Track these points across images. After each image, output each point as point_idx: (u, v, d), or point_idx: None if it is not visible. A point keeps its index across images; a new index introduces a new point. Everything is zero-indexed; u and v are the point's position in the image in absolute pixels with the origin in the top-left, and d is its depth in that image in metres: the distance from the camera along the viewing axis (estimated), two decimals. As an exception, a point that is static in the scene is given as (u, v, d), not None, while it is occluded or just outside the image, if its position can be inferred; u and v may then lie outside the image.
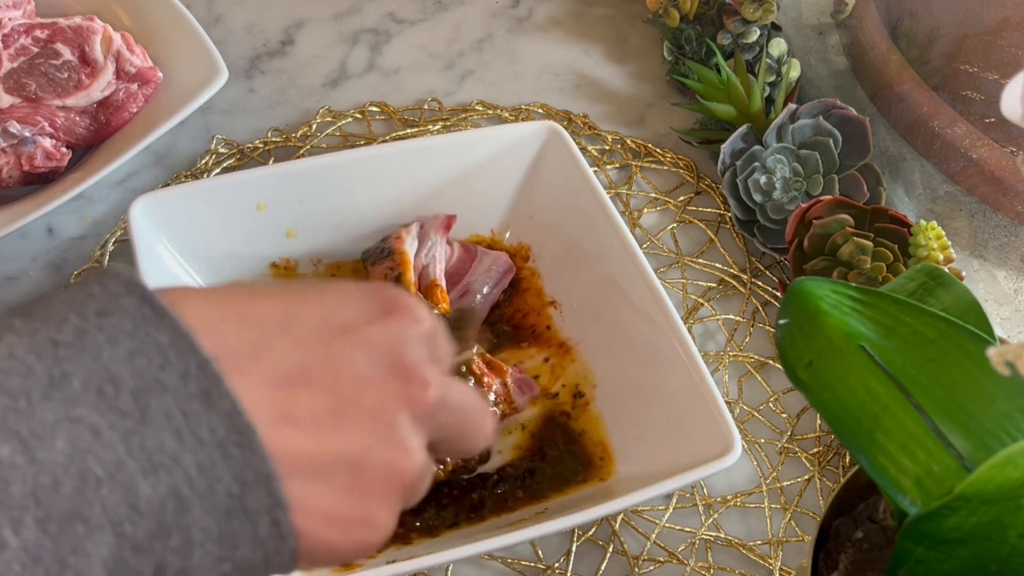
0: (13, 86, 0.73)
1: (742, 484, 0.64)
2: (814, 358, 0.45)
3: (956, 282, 0.48)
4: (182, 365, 0.30)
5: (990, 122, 0.72)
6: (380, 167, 0.67)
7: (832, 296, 0.45)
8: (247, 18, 0.86)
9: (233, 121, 0.79)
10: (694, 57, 0.81)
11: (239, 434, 0.31)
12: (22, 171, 0.70)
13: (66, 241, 0.72)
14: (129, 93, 0.74)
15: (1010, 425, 0.43)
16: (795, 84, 0.79)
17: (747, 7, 0.78)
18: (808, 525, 0.63)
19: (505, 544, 0.55)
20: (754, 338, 0.70)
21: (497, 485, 0.61)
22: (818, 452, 0.66)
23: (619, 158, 0.79)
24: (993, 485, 0.38)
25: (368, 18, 0.87)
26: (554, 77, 0.84)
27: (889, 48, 0.78)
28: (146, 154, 0.76)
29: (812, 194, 0.72)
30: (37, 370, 0.29)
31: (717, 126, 0.78)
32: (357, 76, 0.83)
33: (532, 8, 0.89)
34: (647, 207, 0.76)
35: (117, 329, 0.30)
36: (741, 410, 0.67)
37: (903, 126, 0.77)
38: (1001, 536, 0.41)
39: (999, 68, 0.73)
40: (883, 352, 0.44)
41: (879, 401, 0.44)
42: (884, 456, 0.43)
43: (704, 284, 0.72)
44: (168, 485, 0.30)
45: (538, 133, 0.68)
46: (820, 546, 0.51)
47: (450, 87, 0.83)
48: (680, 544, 0.62)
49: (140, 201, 0.62)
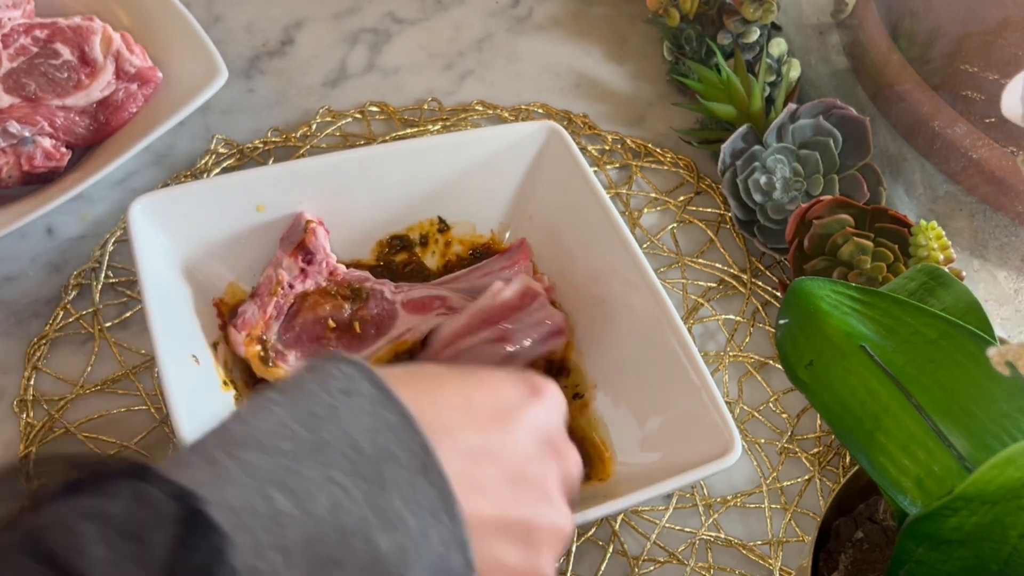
0: (13, 86, 0.73)
1: (742, 484, 0.64)
2: (814, 358, 0.45)
3: (956, 282, 0.47)
4: (408, 442, 0.37)
5: (991, 122, 0.72)
6: (380, 167, 0.67)
7: (832, 296, 0.45)
8: (247, 18, 0.86)
9: (233, 121, 0.79)
10: (694, 57, 0.81)
11: (447, 504, 0.37)
12: (21, 171, 0.70)
13: (66, 241, 0.72)
14: (129, 93, 0.74)
15: (1010, 425, 0.43)
16: (795, 84, 0.79)
17: (747, 7, 0.78)
18: (808, 525, 0.63)
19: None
20: (754, 338, 0.70)
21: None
22: (818, 452, 0.66)
23: (619, 158, 0.79)
24: (994, 485, 0.38)
25: (368, 18, 0.87)
26: (554, 77, 0.84)
27: (889, 48, 0.78)
28: (146, 154, 0.76)
29: (812, 194, 0.72)
30: (302, 436, 0.36)
31: (717, 126, 0.78)
32: (357, 76, 0.83)
33: (532, 8, 0.89)
34: (647, 207, 0.76)
35: (357, 407, 0.37)
36: (741, 410, 0.67)
37: (903, 126, 0.77)
38: (1002, 536, 0.40)
39: (999, 68, 0.72)
40: (883, 352, 0.44)
41: (879, 401, 0.44)
42: (884, 456, 0.43)
43: (704, 284, 0.72)
44: (398, 541, 0.36)
45: (538, 133, 0.68)
46: (820, 546, 0.51)
47: (450, 87, 0.83)
48: (680, 544, 0.62)
49: (140, 201, 0.62)
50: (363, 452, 0.36)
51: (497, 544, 0.40)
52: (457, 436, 0.41)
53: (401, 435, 0.37)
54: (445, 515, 0.37)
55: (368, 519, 0.35)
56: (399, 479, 0.37)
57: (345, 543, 0.35)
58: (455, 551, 0.37)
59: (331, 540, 0.34)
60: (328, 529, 0.35)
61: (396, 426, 0.37)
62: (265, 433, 0.36)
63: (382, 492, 0.36)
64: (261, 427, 0.36)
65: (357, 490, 0.36)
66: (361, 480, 0.36)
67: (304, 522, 0.34)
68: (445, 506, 0.37)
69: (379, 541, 0.35)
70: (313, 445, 0.36)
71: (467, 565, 0.38)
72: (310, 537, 0.34)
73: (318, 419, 0.37)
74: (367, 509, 0.36)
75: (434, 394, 0.42)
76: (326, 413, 0.37)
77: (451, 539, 0.37)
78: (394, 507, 0.36)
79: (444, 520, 0.37)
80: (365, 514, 0.35)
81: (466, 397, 0.43)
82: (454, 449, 0.40)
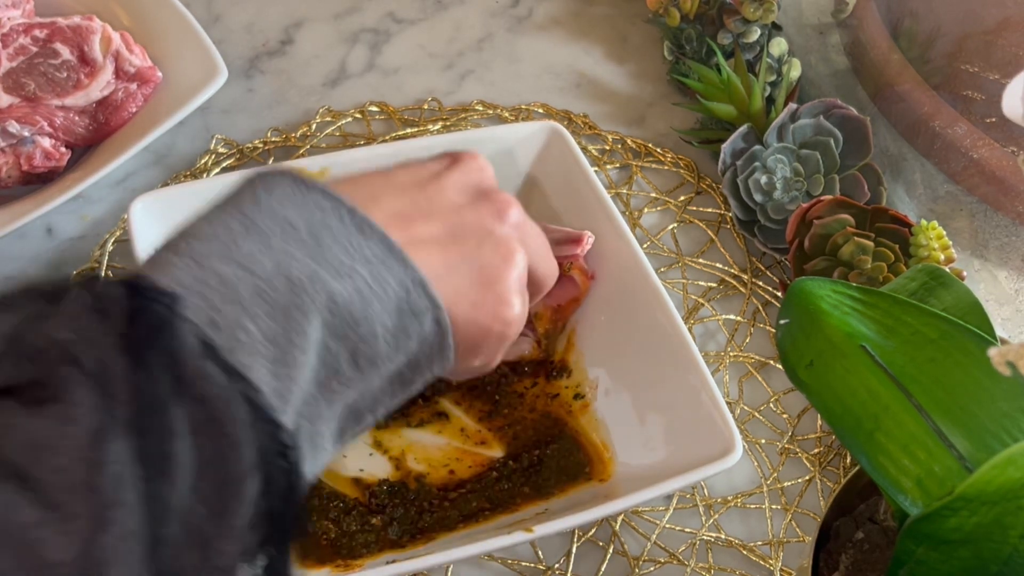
0: (12, 86, 0.73)
1: (743, 485, 0.64)
2: (815, 358, 0.45)
3: (957, 282, 0.47)
4: (337, 211, 0.38)
5: (991, 122, 0.72)
6: (380, 167, 0.67)
7: (833, 296, 0.45)
8: (246, 18, 0.86)
9: (233, 121, 0.79)
10: (694, 57, 0.81)
11: (393, 253, 0.39)
12: (21, 171, 0.70)
13: (65, 241, 0.72)
14: (128, 93, 0.74)
15: (1011, 425, 0.43)
16: (795, 84, 0.79)
17: (748, 7, 0.78)
18: (809, 526, 0.63)
19: (505, 544, 0.55)
20: (755, 338, 0.70)
21: (498, 484, 0.61)
22: (819, 453, 0.66)
23: (619, 158, 0.79)
24: (994, 486, 0.38)
25: (368, 18, 0.87)
26: (554, 77, 0.84)
27: (890, 48, 0.78)
28: (145, 154, 0.76)
29: (813, 194, 0.71)
30: (232, 225, 0.37)
31: (717, 126, 0.78)
32: (357, 76, 0.83)
33: (532, 8, 0.89)
34: (647, 207, 0.76)
35: (283, 195, 0.38)
36: (742, 411, 0.67)
37: (904, 126, 0.77)
38: (1002, 537, 0.40)
39: (1000, 68, 0.72)
40: (884, 352, 0.44)
41: (880, 401, 0.44)
42: (885, 456, 0.43)
43: (704, 284, 0.72)
44: (352, 286, 0.37)
45: (540, 133, 0.68)
46: (821, 547, 0.51)
47: (450, 87, 0.83)
48: (681, 545, 0.62)
49: (141, 200, 0.62)
50: (297, 225, 0.37)
51: (451, 282, 0.42)
52: (383, 203, 0.42)
53: (328, 208, 0.38)
54: (395, 261, 0.39)
55: (316, 271, 0.37)
56: (339, 239, 0.38)
57: (299, 290, 0.36)
58: (416, 291, 0.39)
59: (283, 289, 0.36)
60: (278, 283, 0.36)
61: (322, 200, 0.39)
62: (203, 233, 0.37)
63: (324, 251, 0.37)
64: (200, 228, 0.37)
65: (301, 251, 0.37)
66: (301, 245, 0.37)
67: (252, 280, 0.35)
68: (392, 254, 0.39)
69: (332, 286, 0.37)
70: (245, 228, 0.37)
71: (432, 302, 0.40)
72: (260, 291, 0.35)
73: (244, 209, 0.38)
74: (312, 264, 0.37)
75: (355, 181, 0.44)
76: (252, 204, 0.38)
77: (408, 281, 0.39)
78: (340, 260, 0.37)
79: (395, 266, 0.39)
80: (312, 267, 0.37)
81: (386, 176, 0.44)
82: (381, 213, 0.41)
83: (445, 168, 0.46)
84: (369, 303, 0.38)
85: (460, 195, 0.45)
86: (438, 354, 0.41)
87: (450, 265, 0.42)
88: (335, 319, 0.37)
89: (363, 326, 0.38)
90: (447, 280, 0.42)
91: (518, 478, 0.61)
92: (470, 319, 0.42)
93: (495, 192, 0.46)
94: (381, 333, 0.38)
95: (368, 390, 0.39)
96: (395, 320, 0.39)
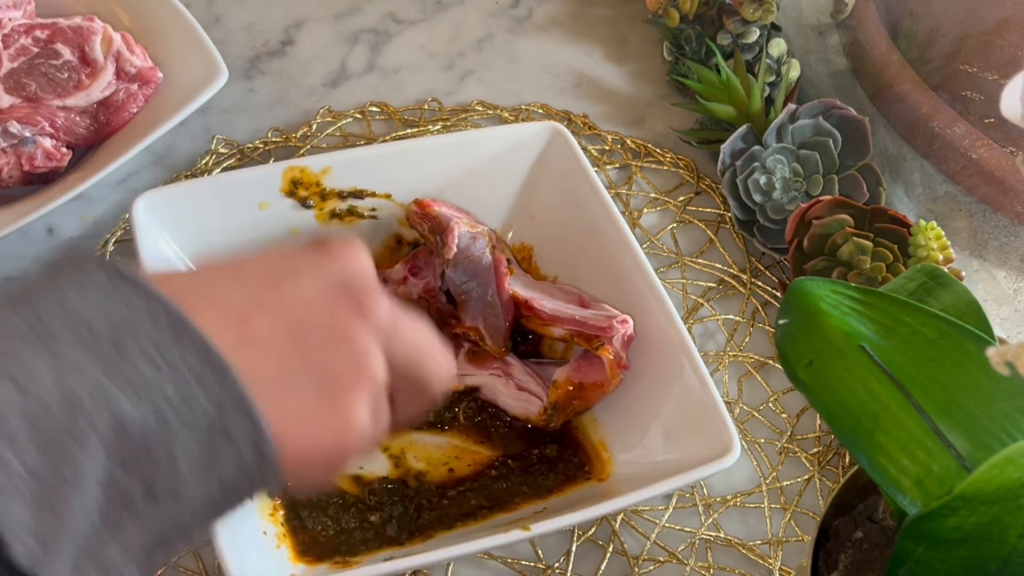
0: (13, 86, 0.73)
1: (742, 484, 0.65)
2: (814, 358, 0.45)
3: (956, 282, 0.48)
4: (151, 311, 0.33)
5: (990, 122, 0.72)
6: (381, 167, 0.67)
7: (832, 296, 0.45)
8: (247, 18, 0.86)
9: (233, 121, 0.79)
10: (694, 57, 0.81)
11: (211, 362, 0.33)
12: (22, 171, 0.70)
13: (66, 241, 0.72)
14: (129, 93, 0.74)
15: (1010, 425, 0.43)
16: (795, 84, 0.79)
17: (747, 7, 0.78)
18: (808, 525, 0.63)
19: (505, 542, 0.55)
20: (754, 338, 0.70)
21: (497, 483, 0.61)
22: (818, 452, 0.66)
23: (619, 158, 0.79)
24: (993, 485, 0.38)
25: (368, 18, 0.87)
26: (554, 77, 0.84)
27: (889, 48, 0.78)
28: (146, 154, 0.76)
29: (812, 194, 0.72)
30: (19, 326, 0.31)
31: (717, 126, 0.78)
32: (357, 76, 0.83)
33: (532, 8, 0.89)
34: (647, 207, 0.76)
35: (89, 290, 0.33)
36: (741, 410, 0.67)
37: (903, 126, 0.77)
38: (1001, 536, 0.41)
39: (999, 68, 0.73)
40: (883, 352, 0.44)
41: (879, 401, 0.44)
42: (884, 456, 0.43)
43: (704, 284, 0.72)
44: (150, 406, 0.32)
45: (541, 133, 0.68)
46: (820, 546, 0.51)
47: (450, 87, 0.83)
48: (680, 544, 0.62)
49: (143, 198, 0.62)
50: (95, 330, 0.32)
51: (284, 394, 0.36)
52: (220, 295, 0.36)
53: (140, 307, 0.33)
54: (211, 374, 0.33)
55: (106, 387, 0.31)
56: (144, 345, 0.32)
57: (77, 413, 0.31)
58: (233, 411, 0.33)
59: (58, 412, 0.30)
60: (53, 403, 0.30)
61: (132, 295, 0.33)
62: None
63: (123, 361, 0.32)
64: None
65: (91, 364, 0.31)
66: (95, 353, 0.32)
67: (24, 403, 0.30)
68: (209, 364, 0.33)
69: (123, 407, 0.31)
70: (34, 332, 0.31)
71: (253, 424, 0.34)
72: (33, 416, 0.30)
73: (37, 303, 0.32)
74: (103, 378, 0.31)
75: (198, 272, 0.38)
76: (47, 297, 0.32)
77: (225, 399, 0.33)
78: (140, 373, 0.32)
79: (210, 380, 0.33)
80: (101, 383, 0.31)
81: (238, 265, 0.38)
82: (215, 310, 0.36)
83: (309, 257, 0.39)
84: (169, 426, 0.32)
85: (319, 291, 0.38)
86: (259, 480, 0.35)
87: (288, 372, 0.36)
88: (123, 446, 0.31)
89: (160, 455, 0.32)
90: (281, 391, 0.36)
91: (517, 477, 0.62)
92: (305, 437, 0.36)
93: (365, 288, 0.39)
94: (185, 460, 0.33)
95: (175, 519, 0.34)
96: (204, 444, 0.33)
